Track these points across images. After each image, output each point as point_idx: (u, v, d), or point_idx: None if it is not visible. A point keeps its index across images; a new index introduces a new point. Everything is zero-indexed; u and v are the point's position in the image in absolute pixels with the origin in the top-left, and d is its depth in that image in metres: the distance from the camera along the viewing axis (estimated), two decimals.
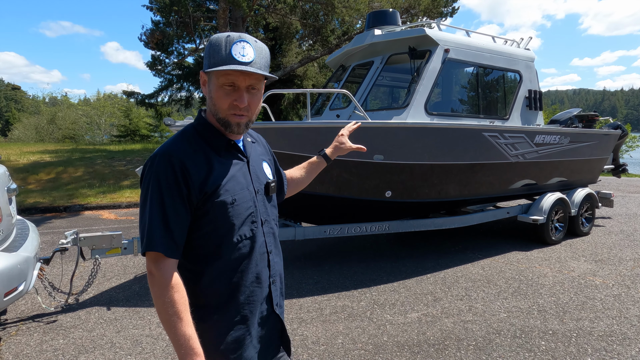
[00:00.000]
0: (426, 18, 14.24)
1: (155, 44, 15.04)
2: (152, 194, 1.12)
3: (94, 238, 3.84)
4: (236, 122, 1.20)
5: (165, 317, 1.07)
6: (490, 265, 4.99)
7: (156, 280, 1.09)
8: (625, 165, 8.02)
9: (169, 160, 1.13)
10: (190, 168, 1.14)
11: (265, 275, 1.28)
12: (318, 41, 15.91)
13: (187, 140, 1.20)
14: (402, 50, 5.22)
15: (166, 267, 1.10)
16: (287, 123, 4.21)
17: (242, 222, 1.21)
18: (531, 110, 5.93)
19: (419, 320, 3.50)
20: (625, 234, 6.44)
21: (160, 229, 1.10)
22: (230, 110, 1.18)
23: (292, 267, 4.92)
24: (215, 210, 1.16)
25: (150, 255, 1.11)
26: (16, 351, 3.05)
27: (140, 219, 1.16)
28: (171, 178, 1.12)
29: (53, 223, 7.46)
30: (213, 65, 1.15)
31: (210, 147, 1.21)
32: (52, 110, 33.55)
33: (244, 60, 1.14)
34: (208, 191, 1.15)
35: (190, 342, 1.06)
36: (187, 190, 1.13)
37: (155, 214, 1.11)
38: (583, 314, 3.61)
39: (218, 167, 1.19)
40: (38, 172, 11.42)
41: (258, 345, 1.26)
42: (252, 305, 1.23)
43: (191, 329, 1.08)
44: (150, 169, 1.14)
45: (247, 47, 1.15)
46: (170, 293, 1.08)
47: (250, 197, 1.24)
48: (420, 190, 4.84)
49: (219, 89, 1.17)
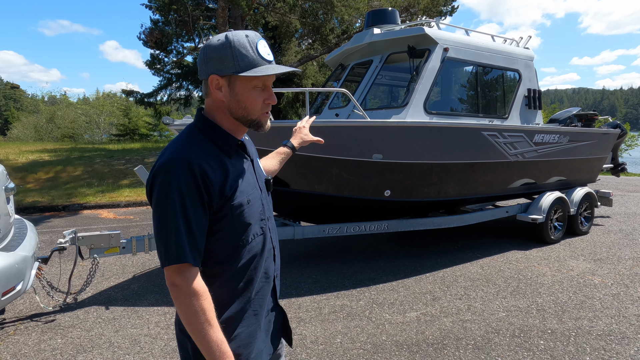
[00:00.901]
0: (425, 17, 14.23)
1: (154, 43, 15.02)
2: (174, 203, 1.08)
3: (93, 237, 3.83)
4: (266, 120, 1.22)
5: (197, 327, 1.06)
6: (489, 264, 4.99)
7: (184, 291, 1.07)
8: (625, 164, 8.02)
9: (189, 166, 1.08)
10: (209, 173, 1.11)
11: (271, 270, 1.30)
12: (317, 40, 15.90)
13: (198, 143, 1.15)
14: (401, 49, 5.21)
15: (193, 277, 1.09)
16: (286, 122, 4.21)
17: (255, 221, 1.22)
18: (530, 110, 5.92)
19: (417, 320, 3.50)
20: (624, 233, 6.44)
21: (188, 240, 1.08)
22: (263, 109, 1.19)
23: (291, 267, 4.92)
24: (233, 212, 1.16)
25: (175, 267, 1.08)
26: (14, 351, 3.04)
27: (160, 230, 1.10)
28: (192, 186, 1.08)
29: (52, 222, 7.45)
30: (245, 68, 1.12)
31: (221, 150, 1.18)
32: (51, 109, 33.51)
33: (270, 58, 1.15)
34: (227, 194, 1.14)
35: (222, 347, 1.08)
36: (207, 197, 1.10)
37: (181, 225, 1.07)
38: (582, 313, 3.61)
39: (232, 169, 1.18)
40: (37, 171, 11.41)
41: (266, 339, 1.29)
42: (262, 300, 1.26)
43: (221, 334, 1.09)
44: (169, 176, 1.08)
45: (266, 45, 1.17)
46: (200, 301, 1.07)
47: (259, 195, 1.26)
48: (420, 190, 4.83)
49: (251, 91, 1.15)
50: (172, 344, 3.12)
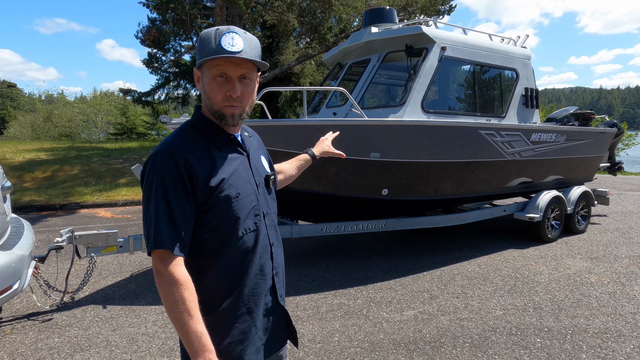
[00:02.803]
0: (423, 16, 14.24)
1: (151, 42, 14.98)
2: (157, 192, 1.11)
3: (90, 236, 3.82)
4: (230, 113, 1.20)
5: (176, 315, 1.07)
6: (486, 263, 5.00)
7: (165, 279, 1.09)
8: (621, 163, 8.06)
9: (172, 157, 1.13)
10: (194, 164, 1.14)
11: (268, 268, 1.30)
12: (315, 39, 15.87)
13: (188, 137, 1.20)
14: (399, 48, 5.21)
15: (174, 265, 1.10)
16: (284, 121, 4.20)
17: (247, 216, 1.22)
18: (528, 109, 5.94)
19: (415, 318, 3.51)
20: (621, 232, 6.46)
21: (167, 227, 1.10)
22: (224, 102, 1.19)
23: (288, 265, 4.92)
24: (220, 205, 1.17)
25: (157, 253, 1.10)
26: (11, 350, 3.03)
27: (144, 218, 1.15)
28: (175, 175, 1.11)
29: (49, 221, 7.42)
30: (203, 57, 1.16)
31: (211, 143, 1.21)
32: (49, 108, 33.36)
33: (234, 49, 1.15)
34: (213, 186, 1.15)
35: (202, 339, 1.07)
36: (191, 186, 1.13)
37: (161, 212, 1.10)
38: (578, 312, 3.63)
39: (220, 162, 1.20)
40: (34, 170, 11.36)
41: (264, 337, 1.28)
42: (256, 297, 1.25)
43: (202, 326, 1.08)
44: (153, 167, 1.14)
45: (236, 38, 1.16)
46: (180, 290, 1.08)
47: (252, 190, 1.26)
48: (417, 188, 4.84)
49: (211, 81, 1.18)
50: (169, 343, 3.12)
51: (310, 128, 4.14)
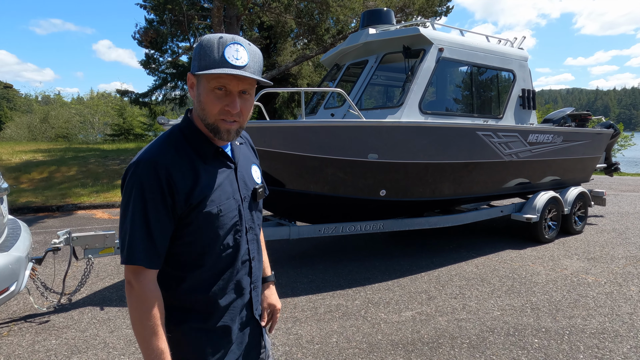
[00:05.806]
0: (420, 17, 14.27)
1: (149, 43, 14.95)
2: (135, 202, 1.07)
3: (87, 238, 3.80)
4: (226, 129, 1.14)
5: (140, 330, 1.06)
6: (484, 263, 5.01)
7: (135, 292, 1.07)
8: (618, 164, 8.09)
9: (154, 168, 1.07)
10: (176, 177, 1.09)
11: (246, 283, 1.26)
12: (313, 40, 15.88)
13: (173, 146, 1.14)
14: (396, 49, 5.22)
15: (146, 280, 1.08)
16: (282, 122, 4.21)
17: (227, 232, 1.18)
18: (525, 110, 5.96)
19: (413, 319, 3.51)
20: (618, 232, 6.49)
21: (143, 241, 1.07)
22: (220, 115, 1.12)
23: (286, 266, 4.91)
24: (200, 220, 1.13)
25: (130, 267, 1.08)
26: (8, 352, 3.02)
27: (120, 227, 1.11)
28: (156, 187, 1.07)
29: (46, 223, 7.40)
30: (204, 67, 1.09)
31: (197, 154, 1.16)
32: (45, 109, 33.27)
33: (238, 63, 1.09)
34: (193, 202, 1.11)
35: (163, 357, 1.06)
36: (171, 200, 1.09)
37: (138, 226, 1.07)
38: (575, 312, 3.64)
39: (204, 176, 1.14)
40: (31, 171, 11.32)
41: (238, 352, 1.25)
42: (232, 312, 1.22)
43: (164, 344, 1.07)
44: (134, 176, 1.08)
45: (241, 50, 1.10)
46: (148, 306, 1.06)
47: (235, 205, 1.20)
48: (415, 189, 4.85)
49: (209, 92, 1.11)
50: None
51: (308, 129, 4.15)
